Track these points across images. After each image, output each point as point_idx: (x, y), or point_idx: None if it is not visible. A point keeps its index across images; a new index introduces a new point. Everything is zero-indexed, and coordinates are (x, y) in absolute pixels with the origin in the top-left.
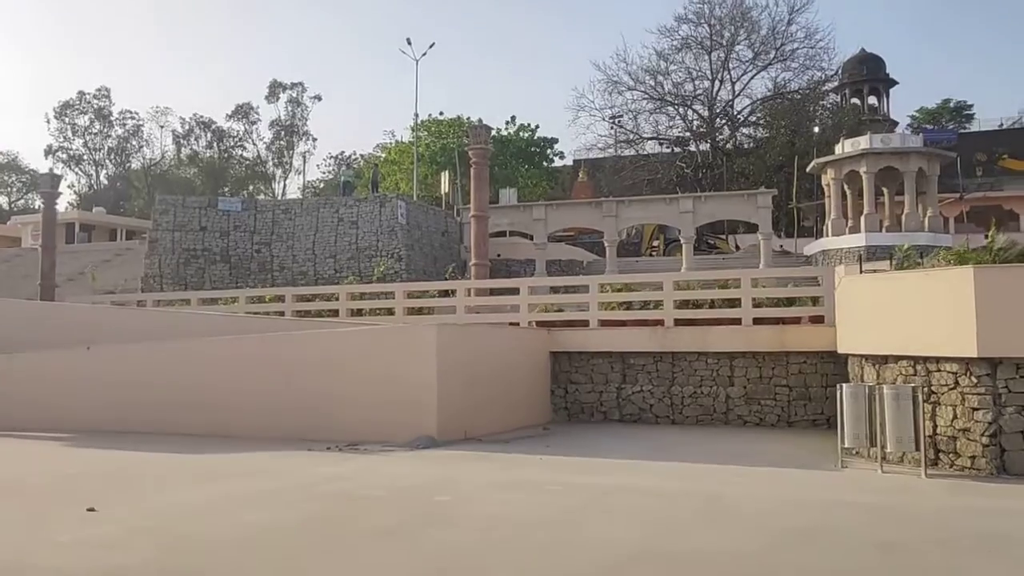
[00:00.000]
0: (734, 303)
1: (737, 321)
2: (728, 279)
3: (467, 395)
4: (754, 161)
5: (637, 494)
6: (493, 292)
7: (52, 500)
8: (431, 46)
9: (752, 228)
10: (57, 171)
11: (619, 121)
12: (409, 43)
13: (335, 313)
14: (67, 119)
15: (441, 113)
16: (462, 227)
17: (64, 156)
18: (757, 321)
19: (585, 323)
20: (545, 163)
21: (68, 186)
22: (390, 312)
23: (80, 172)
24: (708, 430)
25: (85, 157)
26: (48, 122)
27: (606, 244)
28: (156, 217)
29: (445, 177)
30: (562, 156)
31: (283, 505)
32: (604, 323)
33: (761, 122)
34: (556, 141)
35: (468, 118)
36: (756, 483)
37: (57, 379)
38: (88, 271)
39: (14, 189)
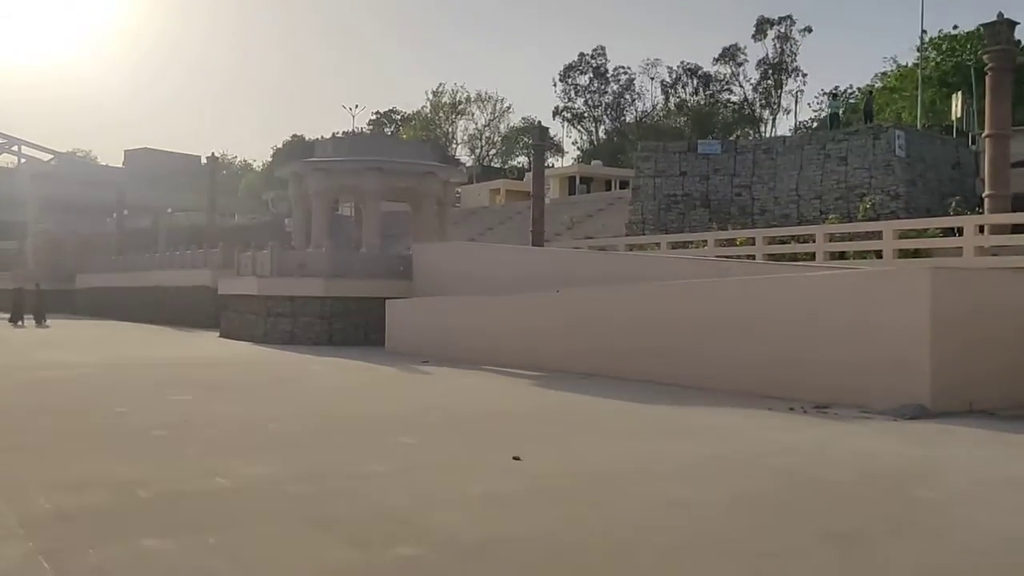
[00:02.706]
0: None
1: None
2: None
3: (973, 356)
4: None
5: None
6: (1016, 229)
7: (490, 440)
8: None
9: None
10: (562, 130)
11: None
12: None
13: (812, 256)
14: (570, 81)
15: (955, 27)
16: (977, 157)
17: (568, 115)
18: None
19: None
20: None
21: (572, 143)
22: (878, 255)
23: (582, 129)
24: None
25: (585, 114)
26: (554, 85)
27: None
28: (638, 164)
29: (957, 100)
30: None
31: (715, 478)
32: None
33: None
34: None
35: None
36: None
37: (531, 320)
38: (567, 219)
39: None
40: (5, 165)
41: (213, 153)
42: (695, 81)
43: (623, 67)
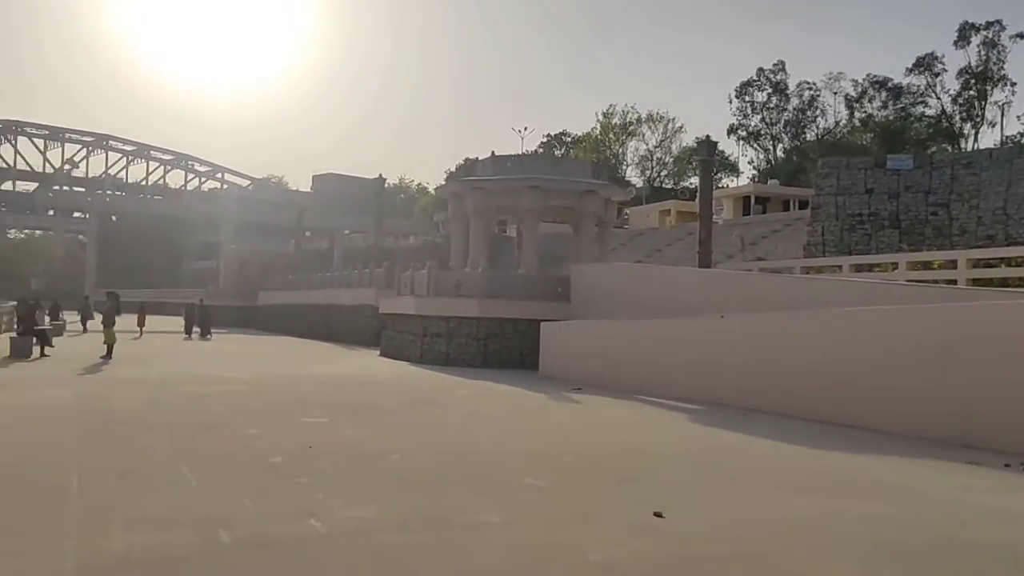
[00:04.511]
0: None
1: None
2: None
3: None
4: None
5: None
6: None
7: (630, 488)
8: None
9: None
10: (738, 149)
11: None
12: None
13: None
14: (747, 97)
15: None
16: None
17: (743, 133)
18: None
19: None
20: None
21: (748, 162)
22: None
23: (758, 147)
24: None
25: (763, 132)
26: (730, 102)
27: None
28: (819, 182)
29: None
30: None
31: (899, 559)
32: None
33: None
34: None
35: None
36: None
37: (692, 347)
38: (735, 238)
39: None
40: (209, 191)
41: (380, 174)
42: (883, 94)
43: (807, 82)
